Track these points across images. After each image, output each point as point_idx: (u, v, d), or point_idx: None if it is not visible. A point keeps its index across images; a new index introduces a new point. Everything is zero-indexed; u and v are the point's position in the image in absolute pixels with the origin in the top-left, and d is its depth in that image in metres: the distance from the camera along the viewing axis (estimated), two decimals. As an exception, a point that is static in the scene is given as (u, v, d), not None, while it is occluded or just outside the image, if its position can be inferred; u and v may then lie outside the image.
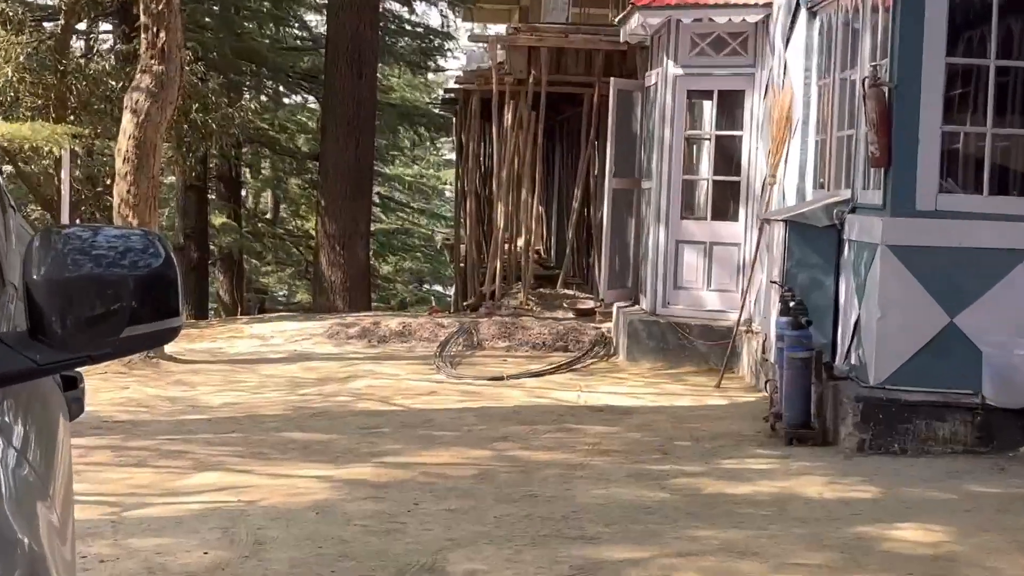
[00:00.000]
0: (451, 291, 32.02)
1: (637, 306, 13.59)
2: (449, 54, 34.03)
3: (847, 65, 9.57)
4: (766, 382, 9.92)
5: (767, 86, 11.84)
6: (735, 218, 12.58)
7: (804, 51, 10.57)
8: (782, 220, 9.79)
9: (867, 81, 8.41)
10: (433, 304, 33.36)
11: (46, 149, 17.18)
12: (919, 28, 8.20)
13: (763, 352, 10.65)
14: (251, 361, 13.09)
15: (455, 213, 22.64)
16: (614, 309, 13.96)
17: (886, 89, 8.27)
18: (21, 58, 18.01)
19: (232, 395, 10.80)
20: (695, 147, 13.43)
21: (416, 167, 50.48)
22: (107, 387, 11.08)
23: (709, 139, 12.89)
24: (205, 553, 5.73)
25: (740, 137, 12.48)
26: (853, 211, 8.97)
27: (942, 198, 8.32)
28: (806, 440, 8.45)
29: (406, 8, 29.31)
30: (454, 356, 13.12)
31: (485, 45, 19.50)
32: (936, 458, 8.05)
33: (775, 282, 9.77)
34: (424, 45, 30.74)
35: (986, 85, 8.41)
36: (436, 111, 32.09)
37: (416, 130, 32.04)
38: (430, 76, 41.82)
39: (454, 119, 25.18)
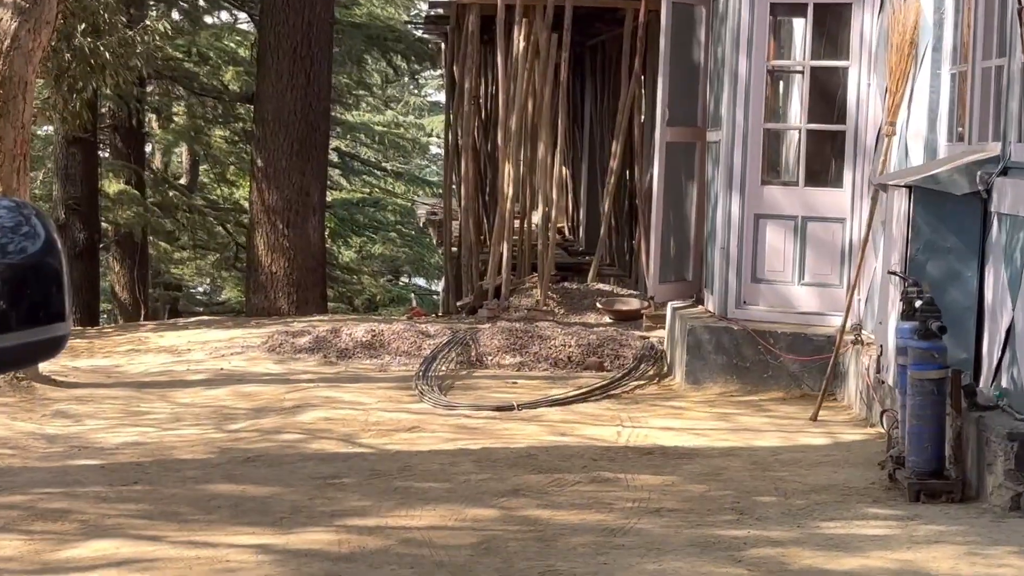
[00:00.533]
0: (439, 286, 31.91)
1: (700, 306, 13.53)
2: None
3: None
4: (882, 413, 9.87)
5: (884, 2, 11.77)
6: (838, 183, 12.51)
7: (935, -52, 10.51)
8: (905, 186, 9.73)
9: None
10: (414, 304, 33.40)
11: None
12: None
13: (878, 371, 10.60)
14: (160, 384, 13.07)
15: (445, 177, 22.56)
16: (668, 311, 13.92)
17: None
18: None
19: (135, 431, 10.77)
20: (782, 84, 13.35)
21: (390, 112, 50.44)
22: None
23: (802, 72, 12.81)
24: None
25: (845, 69, 12.40)
26: (1004, 172, 8.88)
27: None
28: (938, 494, 8.38)
29: None
30: (444, 377, 13.09)
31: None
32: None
33: (895, 273, 9.69)
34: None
35: None
36: (418, 33, 31.95)
37: (390, 60, 31.95)
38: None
39: (443, 45, 25.12)
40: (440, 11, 23.32)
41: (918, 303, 8.60)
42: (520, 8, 17.59)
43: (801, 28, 12.87)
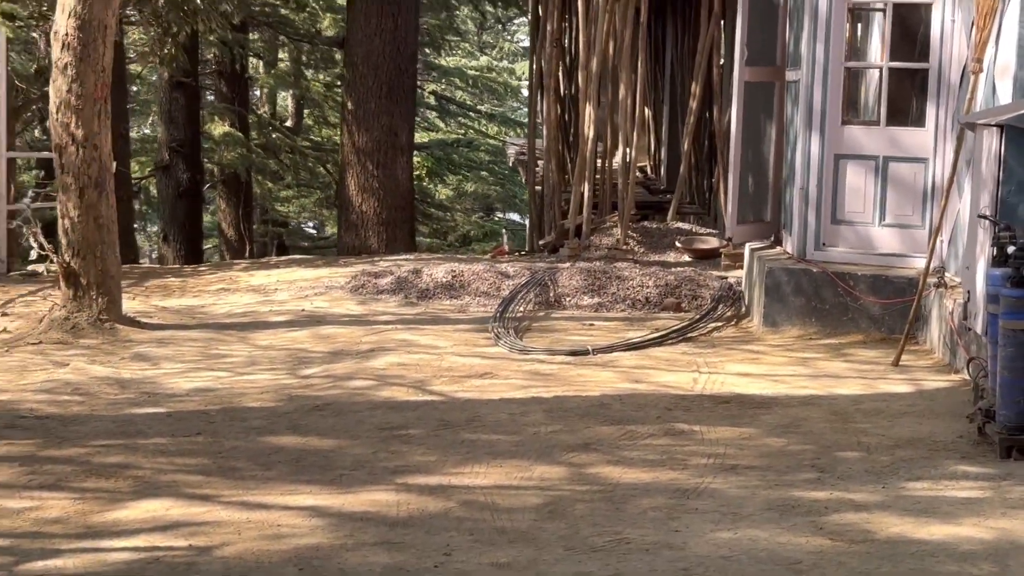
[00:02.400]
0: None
1: (779, 248, 12.61)
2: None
3: None
4: (968, 361, 8.96)
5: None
6: (920, 122, 11.52)
7: None
8: (996, 125, 8.73)
9: None
10: (502, 242, 32.58)
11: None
12: None
13: (964, 317, 9.62)
14: (242, 326, 12.32)
15: (529, 119, 21.74)
16: (746, 251, 13.01)
17: None
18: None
19: (208, 376, 10.01)
20: (863, 21, 12.33)
21: (485, 58, 49.52)
22: (39, 364, 10.46)
23: (883, 9, 11.76)
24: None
25: (928, 6, 11.39)
26: (1102, 111, 7.91)
27: None
28: (1032, 450, 7.47)
29: None
30: (521, 319, 12.22)
31: None
32: None
33: (986, 216, 8.72)
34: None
35: None
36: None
37: (478, 4, 31.04)
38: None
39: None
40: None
41: (1011, 248, 7.67)
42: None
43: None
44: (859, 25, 12.88)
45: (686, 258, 15.63)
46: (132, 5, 19.06)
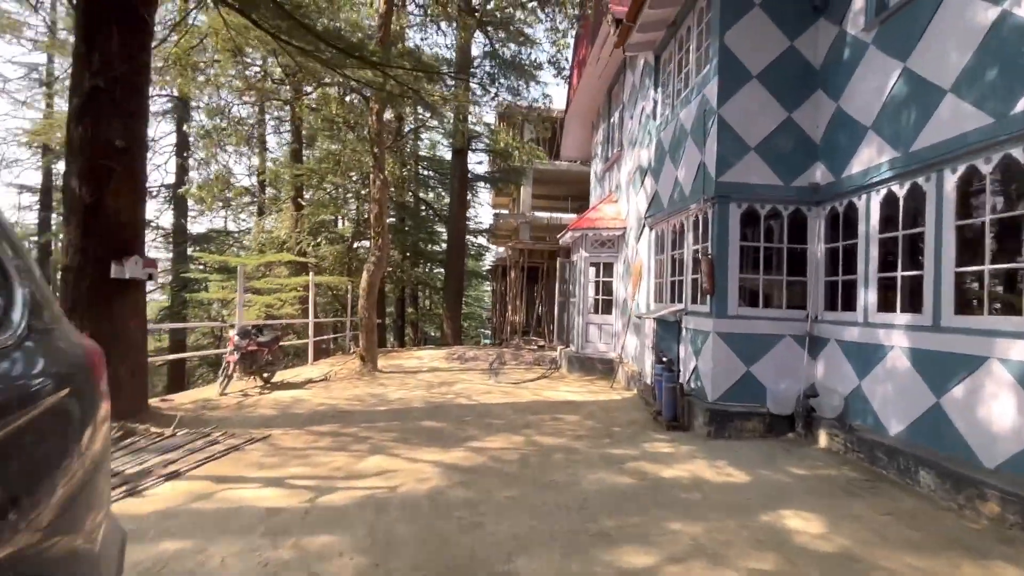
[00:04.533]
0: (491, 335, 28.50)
1: (570, 348, 10.46)
2: (489, 253, 30.85)
3: (673, 248, 6.66)
4: (643, 389, 6.82)
5: (625, 260, 8.94)
6: (610, 313, 9.57)
7: (647, 244, 7.69)
8: (653, 318, 6.79)
9: (700, 253, 5.50)
10: (485, 341, 29.79)
11: (340, 287, 14.10)
12: (726, 226, 5.34)
13: (640, 376, 7.51)
14: (411, 372, 9.82)
15: (492, 308, 19.48)
16: (559, 349, 10.84)
17: (711, 256, 5.36)
18: (333, 254, 15.07)
19: (401, 392, 7.49)
20: (593, 285, 10.49)
21: (479, 292, 47.06)
22: (346, 388, 7.87)
23: (598, 282, 9.93)
24: (351, 559, 2.55)
25: (612, 281, 9.55)
26: (687, 313, 5.96)
27: (740, 309, 5.35)
28: (677, 428, 5.33)
29: (474, 238, 26.02)
30: (496, 369, 9.89)
31: (504, 249, 16.68)
32: (748, 440, 4.94)
33: (655, 346, 6.71)
34: (481, 253, 27.67)
35: (758, 255, 5.52)
36: (485, 273, 28.91)
37: (479, 280, 28.87)
38: (485, 262, 39.01)
39: (491, 275, 22.21)
40: (490, 267, 20.49)
41: (664, 359, 5.63)
42: (512, 266, 14.79)
43: (595, 269, 10.00)
44: (592, 285, 11.05)
45: (538, 348, 13.41)
46: (386, 277, 16.74)
